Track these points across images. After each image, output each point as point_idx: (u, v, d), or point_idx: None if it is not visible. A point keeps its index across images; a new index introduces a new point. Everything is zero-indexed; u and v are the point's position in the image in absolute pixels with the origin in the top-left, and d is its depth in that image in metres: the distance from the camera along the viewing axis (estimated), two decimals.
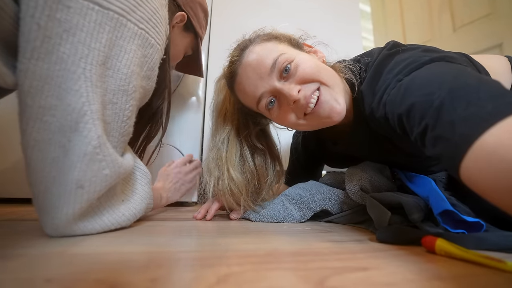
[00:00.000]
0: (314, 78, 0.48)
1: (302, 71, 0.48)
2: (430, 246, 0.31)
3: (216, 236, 0.40)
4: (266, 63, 0.48)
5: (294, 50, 0.52)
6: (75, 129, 0.32)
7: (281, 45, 0.51)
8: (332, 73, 0.50)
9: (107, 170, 0.35)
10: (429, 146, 0.32)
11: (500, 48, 1.23)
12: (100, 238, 0.36)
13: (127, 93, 0.37)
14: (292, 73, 0.48)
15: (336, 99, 0.48)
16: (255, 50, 0.50)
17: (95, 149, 0.33)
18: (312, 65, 0.49)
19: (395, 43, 0.48)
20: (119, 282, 0.20)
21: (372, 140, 0.52)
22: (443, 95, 0.30)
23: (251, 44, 0.52)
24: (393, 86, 0.40)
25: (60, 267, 0.24)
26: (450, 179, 0.50)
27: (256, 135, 0.60)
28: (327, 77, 0.48)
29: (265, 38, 0.52)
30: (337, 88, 0.49)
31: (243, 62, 0.51)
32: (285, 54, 0.48)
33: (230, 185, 0.54)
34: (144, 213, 0.45)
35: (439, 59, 0.38)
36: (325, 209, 0.54)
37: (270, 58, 0.48)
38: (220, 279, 0.21)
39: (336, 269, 0.25)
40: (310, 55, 0.53)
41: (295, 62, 0.48)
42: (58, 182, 0.32)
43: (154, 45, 0.40)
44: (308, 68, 0.48)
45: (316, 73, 0.48)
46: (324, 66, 0.51)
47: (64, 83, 0.31)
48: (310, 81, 0.48)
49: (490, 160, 0.23)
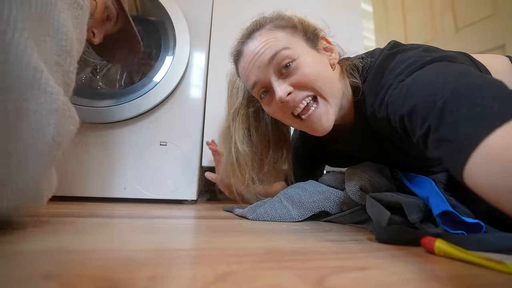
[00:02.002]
0: (309, 86, 0.47)
1: (300, 76, 0.46)
2: (429, 247, 0.31)
3: (215, 234, 0.40)
4: (267, 54, 0.47)
5: (304, 46, 0.49)
6: (38, 88, 0.31)
7: (293, 37, 0.49)
8: (332, 82, 0.48)
9: (73, 126, 0.35)
10: (432, 148, 0.31)
11: (502, 49, 1.22)
12: (99, 235, 0.36)
13: (70, 55, 0.36)
14: (291, 72, 0.47)
15: (328, 114, 0.47)
16: (262, 37, 0.48)
17: (63, 105, 0.33)
18: (313, 71, 0.47)
19: (396, 43, 0.47)
20: (118, 279, 0.20)
21: (373, 140, 0.52)
22: (446, 95, 0.30)
23: (262, 28, 0.49)
24: (395, 87, 0.39)
25: (58, 263, 0.24)
26: (450, 179, 0.50)
27: (261, 113, 0.61)
28: (324, 87, 0.47)
29: (280, 25, 0.49)
30: (332, 101, 0.48)
31: (249, 45, 0.49)
32: (289, 49, 0.46)
33: (237, 156, 0.58)
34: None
35: (441, 59, 0.38)
36: (324, 210, 0.54)
37: (273, 49, 0.46)
38: (218, 277, 0.21)
39: (334, 268, 0.25)
40: (320, 55, 0.50)
41: (296, 63, 0.46)
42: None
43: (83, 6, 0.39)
44: (306, 75, 0.46)
45: (313, 82, 0.46)
46: (326, 74, 0.48)
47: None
48: (305, 88, 0.47)
49: (495, 162, 0.23)
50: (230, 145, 0.59)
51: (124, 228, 0.41)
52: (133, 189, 0.82)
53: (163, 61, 0.86)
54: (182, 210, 0.69)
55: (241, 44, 0.51)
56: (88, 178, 0.80)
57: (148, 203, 0.82)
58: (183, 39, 0.87)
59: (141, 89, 0.83)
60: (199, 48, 0.94)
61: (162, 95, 0.85)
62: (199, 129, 0.90)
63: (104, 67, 0.94)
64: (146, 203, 0.80)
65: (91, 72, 0.92)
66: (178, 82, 0.87)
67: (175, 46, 0.86)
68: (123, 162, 0.83)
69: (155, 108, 0.86)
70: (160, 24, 0.88)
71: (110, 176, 0.83)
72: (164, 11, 0.87)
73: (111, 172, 0.83)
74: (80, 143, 0.82)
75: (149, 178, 0.84)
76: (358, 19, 1.13)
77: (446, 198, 0.41)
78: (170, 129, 0.87)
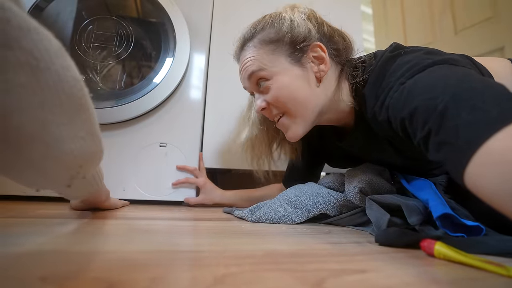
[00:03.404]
0: (279, 106, 0.52)
1: (271, 96, 0.51)
2: (429, 249, 0.31)
3: (214, 236, 0.40)
4: (247, 71, 0.53)
5: (283, 63, 0.50)
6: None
7: (273, 55, 0.50)
8: (305, 101, 0.50)
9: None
10: (433, 150, 0.31)
11: (501, 51, 1.23)
12: (98, 236, 0.36)
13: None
14: (264, 91, 0.52)
15: (291, 128, 0.53)
16: (247, 53, 0.53)
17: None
18: (285, 94, 0.50)
19: (397, 45, 0.47)
20: (117, 281, 0.20)
21: (373, 142, 0.52)
22: (447, 99, 0.30)
23: (251, 41, 0.53)
24: (396, 89, 0.39)
25: (55, 265, 0.24)
26: (450, 182, 0.50)
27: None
28: (294, 108, 0.51)
29: (265, 39, 0.51)
30: (299, 119, 0.52)
31: (240, 56, 0.56)
32: (264, 71, 0.51)
33: (254, 134, 0.67)
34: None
35: (442, 61, 0.38)
36: (324, 212, 0.54)
37: (250, 70, 0.52)
38: (217, 279, 0.21)
39: (334, 271, 0.25)
40: (301, 71, 0.50)
41: (269, 83, 0.51)
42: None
43: None
44: (276, 96, 0.51)
45: (283, 103, 0.51)
46: (300, 94, 0.50)
47: None
48: (275, 107, 0.53)
49: (496, 166, 0.23)
50: (248, 128, 0.69)
51: (123, 229, 0.41)
52: (132, 190, 0.82)
53: (163, 63, 0.86)
54: (181, 211, 0.69)
55: (237, 50, 0.57)
56: None
57: (148, 204, 0.82)
58: (183, 40, 0.88)
59: (141, 91, 0.83)
60: (199, 49, 0.94)
61: (162, 96, 0.85)
62: (199, 131, 0.90)
63: (104, 68, 0.94)
64: (145, 205, 0.80)
65: (91, 73, 0.92)
66: (178, 84, 0.87)
67: (175, 48, 0.87)
68: (123, 163, 0.83)
69: (155, 109, 0.86)
70: (160, 26, 0.88)
71: (110, 177, 0.82)
72: (164, 13, 0.88)
73: (111, 173, 0.82)
74: None
75: (149, 180, 0.83)
76: (357, 21, 1.13)
77: (446, 200, 0.41)
78: (170, 131, 0.87)
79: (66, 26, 0.87)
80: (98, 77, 0.92)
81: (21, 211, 0.57)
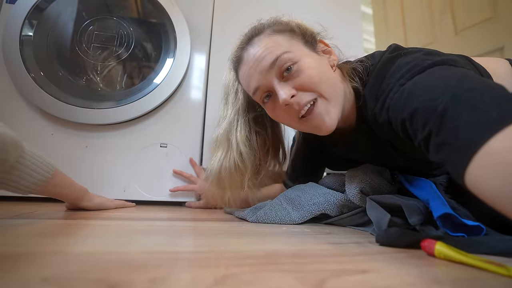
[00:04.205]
0: (313, 88, 0.46)
1: (302, 78, 0.46)
2: (430, 249, 0.31)
3: (214, 236, 0.40)
4: (268, 59, 0.47)
5: (304, 49, 0.49)
6: None
7: (293, 41, 0.49)
8: (334, 83, 0.48)
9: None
10: (433, 151, 0.31)
11: (501, 51, 1.22)
12: (98, 237, 0.36)
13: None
14: (293, 75, 0.47)
15: (329, 113, 0.47)
16: (262, 43, 0.48)
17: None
18: (315, 73, 0.46)
19: (397, 46, 0.47)
20: (117, 282, 0.20)
21: (374, 143, 0.52)
22: (447, 99, 0.30)
23: (261, 33, 0.50)
24: (396, 91, 0.39)
25: (57, 266, 0.24)
26: (451, 182, 0.50)
27: (260, 118, 0.61)
28: (327, 89, 0.47)
29: (278, 29, 0.50)
30: (334, 102, 0.47)
31: (249, 51, 0.49)
32: (290, 53, 0.46)
33: (237, 159, 0.56)
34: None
35: (442, 62, 0.38)
36: (325, 212, 0.54)
37: (273, 54, 0.46)
38: (217, 280, 0.21)
39: (334, 271, 0.25)
40: (320, 57, 0.50)
41: (298, 65, 0.46)
42: None
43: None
44: (309, 77, 0.46)
45: (317, 84, 0.46)
46: (328, 75, 0.48)
47: None
48: (308, 90, 0.46)
49: (496, 166, 0.23)
50: (228, 149, 0.58)
51: (123, 230, 0.41)
52: (133, 191, 0.82)
53: (164, 63, 0.86)
54: (181, 212, 0.69)
55: (240, 50, 0.51)
56: (88, 180, 0.79)
57: (148, 205, 0.82)
58: (183, 41, 0.88)
59: (141, 91, 0.84)
60: (200, 50, 0.94)
61: (163, 97, 0.85)
62: (200, 131, 0.90)
63: (105, 68, 0.94)
64: (145, 205, 0.80)
65: (91, 74, 0.92)
66: (178, 84, 0.87)
67: (175, 48, 0.87)
68: (123, 164, 0.83)
69: (155, 110, 0.87)
70: (161, 26, 0.88)
71: (110, 177, 0.82)
72: (165, 13, 0.88)
73: (111, 174, 0.83)
74: (80, 144, 0.82)
75: (149, 180, 0.84)
76: (358, 21, 1.13)
77: (447, 200, 0.41)
78: (171, 131, 0.87)
79: (66, 27, 0.87)
80: (99, 78, 0.93)
81: (22, 212, 0.57)
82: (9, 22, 0.79)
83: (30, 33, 0.80)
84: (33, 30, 0.80)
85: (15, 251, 0.28)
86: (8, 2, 0.84)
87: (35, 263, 0.24)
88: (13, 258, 0.25)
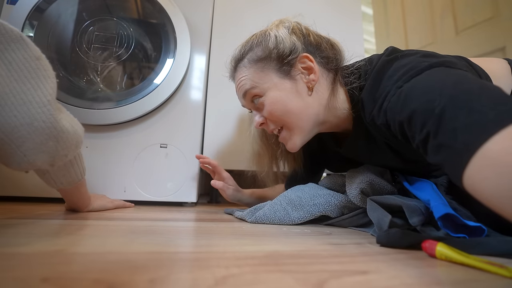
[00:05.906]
0: (276, 121, 0.54)
1: (265, 112, 0.54)
2: (431, 250, 0.31)
3: (215, 237, 0.40)
4: (241, 90, 0.55)
5: (274, 78, 0.52)
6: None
7: (264, 71, 0.52)
8: (300, 112, 0.51)
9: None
10: (431, 153, 0.31)
11: (503, 51, 1.22)
12: (98, 237, 0.36)
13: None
14: (259, 108, 0.55)
15: (291, 139, 0.54)
16: (239, 74, 0.56)
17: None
18: (277, 108, 0.51)
19: (394, 49, 0.47)
20: (117, 282, 0.20)
21: (373, 146, 0.52)
22: (444, 101, 0.30)
23: (241, 61, 0.56)
24: (393, 93, 0.39)
25: (57, 266, 0.24)
26: (452, 183, 0.49)
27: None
28: (290, 120, 0.52)
29: (254, 59, 0.53)
30: (297, 130, 0.53)
31: (234, 76, 0.58)
32: (256, 88, 0.53)
33: (255, 153, 0.70)
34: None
35: (439, 64, 0.38)
36: (325, 214, 0.54)
37: (243, 88, 0.55)
38: (218, 281, 0.21)
39: (335, 272, 0.25)
40: (292, 84, 0.51)
41: (263, 100, 0.53)
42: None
43: None
44: (271, 112, 0.52)
45: (279, 117, 0.52)
46: (294, 105, 0.51)
47: None
48: (271, 121, 0.55)
49: (494, 168, 0.23)
50: (251, 141, 0.71)
51: (123, 230, 0.41)
52: (133, 191, 0.82)
53: (164, 64, 0.86)
54: (182, 212, 0.69)
55: (231, 71, 0.59)
56: (88, 180, 0.79)
57: (148, 205, 0.82)
58: (183, 41, 0.88)
59: (141, 92, 0.84)
60: (200, 50, 0.94)
61: (163, 97, 0.85)
62: (200, 131, 0.90)
63: (105, 69, 0.94)
64: (146, 205, 0.80)
65: (92, 74, 0.92)
66: (178, 85, 0.87)
67: (175, 49, 0.87)
68: (123, 164, 0.83)
69: (155, 110, 0.87)
70: (161, 27, 0.89)
71: (110, 178, 0.82)
72: (165, 14, 0.88)
73: (111, 174, 0.83)
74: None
75: (149, 180, 0.84)
76: (358, 21, 1.13)
77: (448, 201, 0.41)
78: (171, 131, 0.87)
79: (67, 28, 0.87)
80: (99, 78, 0.93)
81: (22, 212, 0.57)
82: (9, 23, 0.78)
83: (30, 34, 0.80)
84: (34, 31, 0.80)
85: (15, 251, 0.28)
86: (8, 3, 0.84)
87: (35, 263, 0.24)
88: (13, 258, 0.25)
